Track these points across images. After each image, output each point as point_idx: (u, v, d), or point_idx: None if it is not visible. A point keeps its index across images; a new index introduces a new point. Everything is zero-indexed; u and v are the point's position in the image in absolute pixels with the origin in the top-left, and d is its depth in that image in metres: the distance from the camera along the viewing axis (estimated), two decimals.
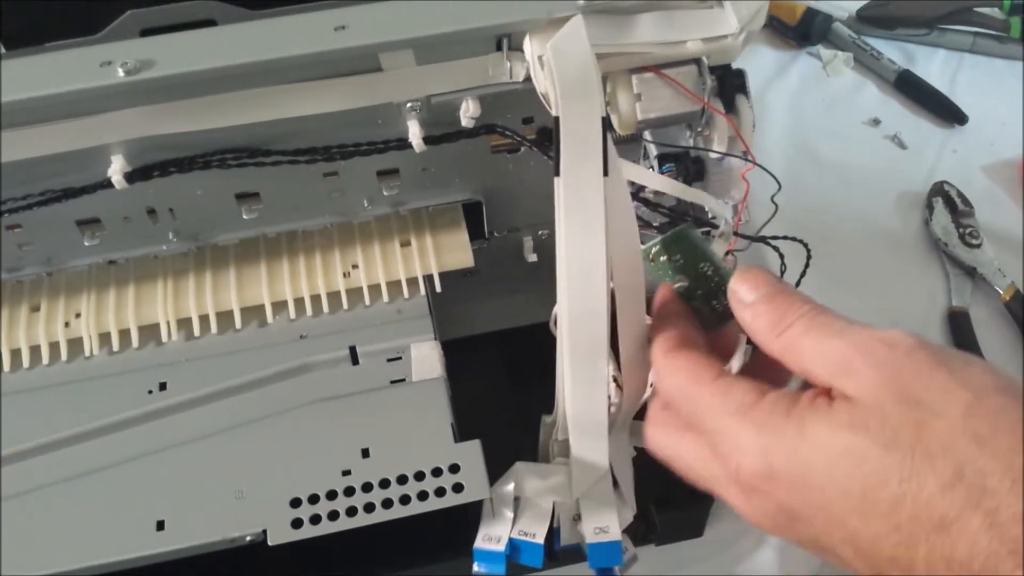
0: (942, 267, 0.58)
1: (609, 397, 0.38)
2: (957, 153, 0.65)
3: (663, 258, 0.37)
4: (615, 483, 0.41)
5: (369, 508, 0.38)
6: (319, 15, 0.37)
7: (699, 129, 0.41)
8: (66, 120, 0.36)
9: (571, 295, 0.36)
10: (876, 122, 0.68)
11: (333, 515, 0.38)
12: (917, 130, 0.67)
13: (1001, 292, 0.56)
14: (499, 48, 0.38)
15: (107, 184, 0.38)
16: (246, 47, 0.36)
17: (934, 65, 0.72)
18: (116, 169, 0.37)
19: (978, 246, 0.58)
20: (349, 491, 0.38)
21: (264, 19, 0.39)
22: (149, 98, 0.36)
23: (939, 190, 0.61)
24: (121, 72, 0.35)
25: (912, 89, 0.69)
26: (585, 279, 0.36)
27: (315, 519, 0.38)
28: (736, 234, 0.44)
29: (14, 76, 0.36)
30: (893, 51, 0.72)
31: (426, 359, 0.43)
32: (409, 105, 0.38)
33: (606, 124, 0.36)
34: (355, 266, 0.45)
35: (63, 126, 0.37)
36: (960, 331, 0.54)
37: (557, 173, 0.35)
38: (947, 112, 0.68)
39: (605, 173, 0.35)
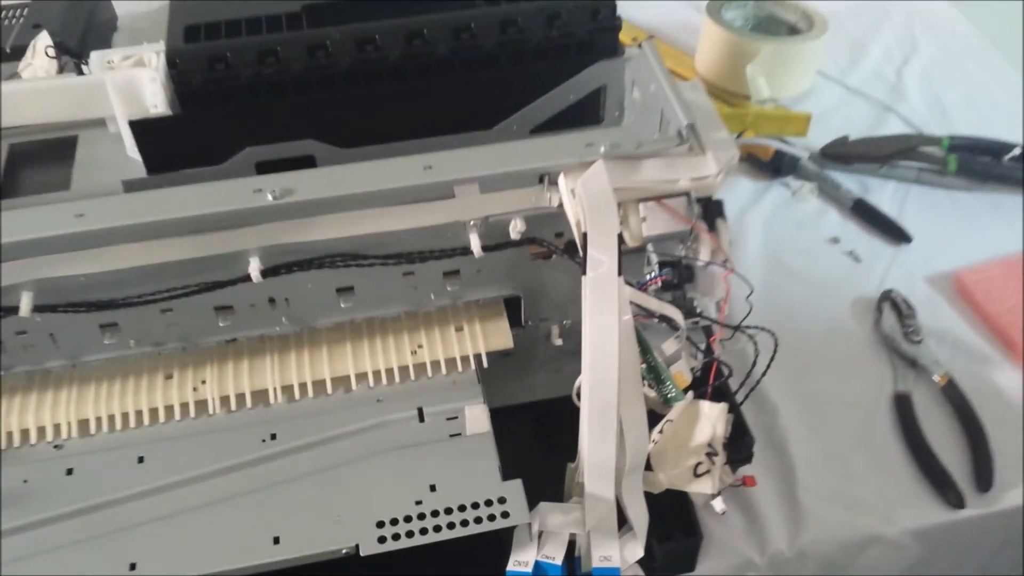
0: (889, 359, 0.68)
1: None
2: (903, 267, 0.76)
3: None
4: (628, 523, 0.51)
5: (437, 529, 0.49)
6: (411, 158, 0.50)
7: (689, 243, 0.53)
8: (217, 231, 0.49)
9: (592, 365, 0.48)
10: (836, 240, 0.79)
11: (409, 534, 0.48)
12: (870, 247, 0.78)
13: (937, 380, 0.66)
14: (541, 182, 0.51)
15: (246, 279, 0.50)
16: (362, 180, 0.49)
17: (885, 194, 0.83)
18: (254, 268, 0.50)
19: (919, 342, 0.69)
20: (421, 516, 0.49)
21: (363, 159, 0.52)
22: (283, 215, 0.49)
23: (887, 296, 0.72)
24: (270, 197, 0.48)
25: (866, 214, 0.80)
26: (602, 353, 0.48)
27: (396, 536, 0.48)
28: (720, 324, 0.56)
29: (177, 199, 0.49)
30: (851, 182, 0.83)
31: (477, 418, 0.54)
32: (472, 223, 0.51)
33: (620, 239, 0.48)
34: (420, 346, 0.57)
35: (209, 237, 0.49)
36: (904, 411, 0.65)
37: (584, 272, 0.48)
38: (895, 233, 0.79)
39: (619, 274, 0.48)
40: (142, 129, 0.57)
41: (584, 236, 0.48)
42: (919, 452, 0.63)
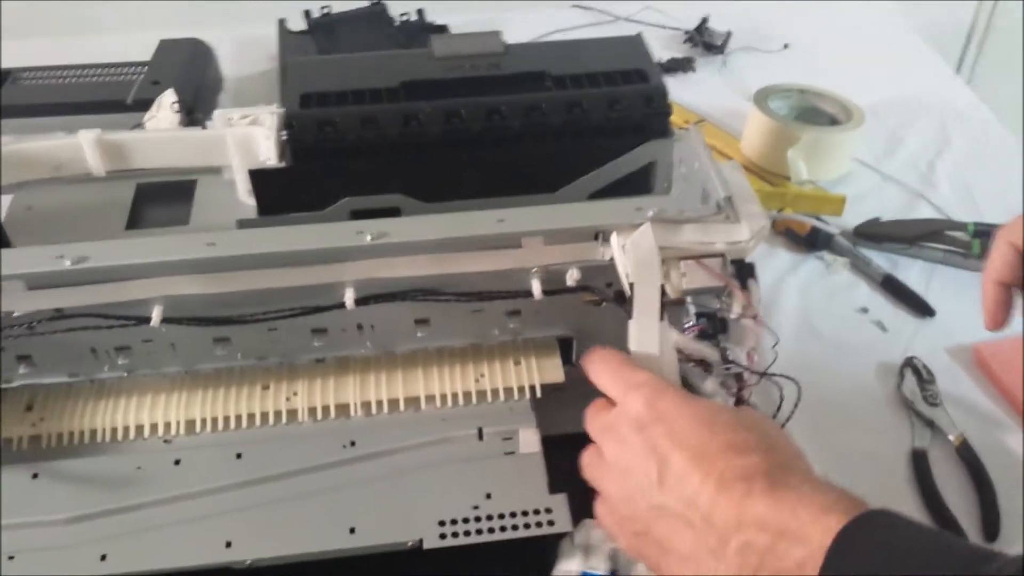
0: (909, 419, 0.74)
1: None
2: (926, 338, 0.81)
3: None
4: None
5: (491, 531, 0.56)
6: (486, 212, 0.58)
7: (723, 298, 0.61)
8: (322, 264, 0.58)
9: None
10: (865, 310, 0.85)
11: (467, 533, 0.56)
12: (896, 318, 0.84)
13: (953, 439, 0.72)
14: (596, 239, 0.59)
15: (341, 306, 0.59)
16: (444, 228, 0.57)
17: (913, 272, 0.89)
18: (349, 297, 0.58)
19: (937, 405, 0.74)
20: (477, 519, 0.56)
21: (443, 211, 0.61)
22: (377, 254, 0.58)
23: (909, 363, 0.77)
24: (369, 238, 0.57)
25: (894, 289, 0.87)
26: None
27: (455, 534, 0.56)
28: (750, 371, 0.63)
29: (291, 235, 0.58)
30: (881, 259, 0.90)
31: (529, 440, 0.62)
32: (535, 270, 0.59)
33: (663, 290, 0.56)
34: (482, 375, 0.64)
35: (316, 268, 0.58)
36: (920, 465, 0.70)
37: (631, 317, 0.55)
38: (920, 307, 0.85)
39: (660, 319, 0.55)
40: (259, 178, 0.67)
41: (632, 285, 0.55)
42: (932, 503, 0.68)
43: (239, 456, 0.61)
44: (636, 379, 0.50)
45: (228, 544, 0.56)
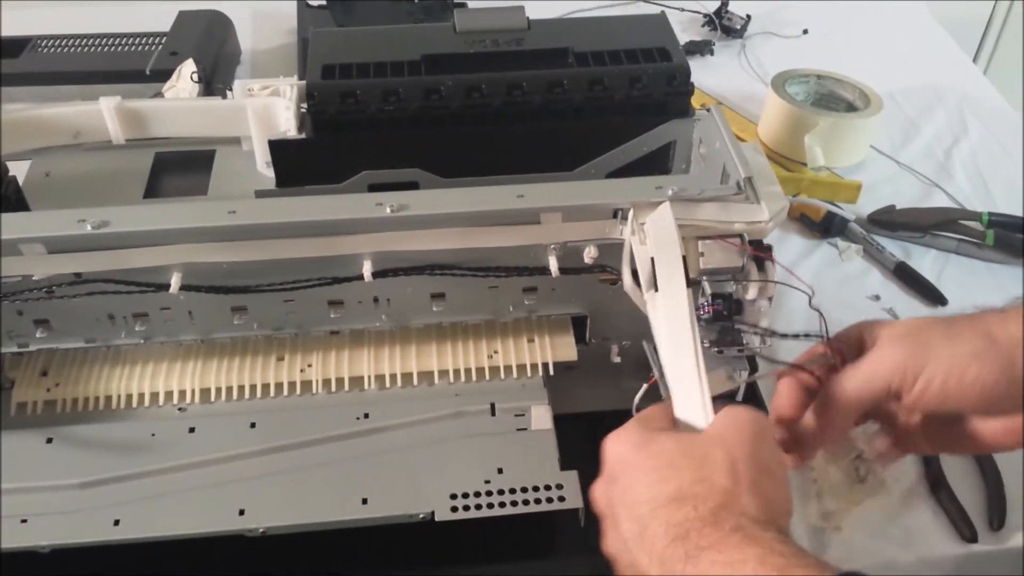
0: None
1: None
2: None
3: None
4: None
5: (502, 505, 0.56)
6: (506, 187, 0.59)
7: (740, 279, 0.61)
8: (342, 236, 0.58)
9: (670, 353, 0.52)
10: (877, 298, 0.85)
11: (478, 507, 0.56)
12: (908, 306, 0.84)
13: None
14: (615, 216, 0.59)
15: (359, 278, 0.59)
16: (464, 202, 0.57)
17: (926, 261, 0.89)
18: (367, 269, 0.58)
19: None
20: (488, 493, 0.57)
21: (461, 186, 0.61)
22: (396, 227, 0.58)
23: None
24: (388, 210, 0.57)
25: (907, 277, 0.86)
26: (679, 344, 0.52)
27: (466, 508, 0.56)
28: (762, 356, 0.63)
29: (311, 205, 0.58)
30: (894, 247, 0.89)
31: (541, 416, 0.62)
32: (553, 247, 0.59)
33: (684, 261, 0.55)
34: (496, 352, 0.65)
35: (336, 239, 0.58)
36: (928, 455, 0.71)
37: (655, 289, 0.55)
38: (932, 295, 0.84)
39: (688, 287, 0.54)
40: (279, 148, 0.67)
41: (652, 260, 0.55)
42: (940, 490, 0.68)
43: (253, 425, 0.61)
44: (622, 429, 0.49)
45: (241, 512, 0.56)
